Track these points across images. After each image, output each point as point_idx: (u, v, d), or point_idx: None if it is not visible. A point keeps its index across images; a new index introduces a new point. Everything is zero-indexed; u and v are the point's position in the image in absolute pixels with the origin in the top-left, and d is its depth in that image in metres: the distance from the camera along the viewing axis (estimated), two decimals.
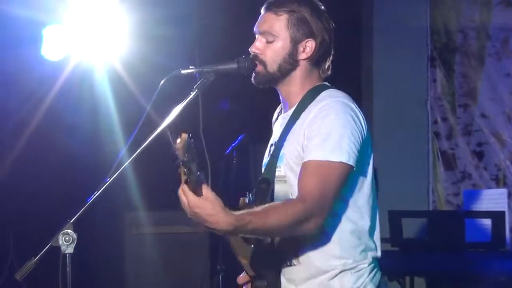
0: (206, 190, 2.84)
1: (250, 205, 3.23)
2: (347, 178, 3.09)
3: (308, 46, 3.24)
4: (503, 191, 7.34)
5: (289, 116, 3.28)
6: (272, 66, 3.26)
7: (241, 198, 2.95)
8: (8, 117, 6.00)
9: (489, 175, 8.78)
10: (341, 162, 3.04)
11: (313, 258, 3.13)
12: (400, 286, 6.43)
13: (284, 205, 3.04)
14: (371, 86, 8.93)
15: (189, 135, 2.75)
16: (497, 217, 6.60)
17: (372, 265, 3.18)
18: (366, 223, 3.17)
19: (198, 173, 2.81)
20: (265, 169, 3.34)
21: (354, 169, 3.09)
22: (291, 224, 2.98)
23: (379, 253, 3.22)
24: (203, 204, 2.83)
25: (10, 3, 5.69)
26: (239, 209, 3.01)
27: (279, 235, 3.10)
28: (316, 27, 3.25)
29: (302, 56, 3.25)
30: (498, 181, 8.64)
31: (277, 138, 3.32)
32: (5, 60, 5.89)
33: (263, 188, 3.25)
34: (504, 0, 8.78)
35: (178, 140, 2.72)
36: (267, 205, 3.06)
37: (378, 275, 3.20)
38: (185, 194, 2.83)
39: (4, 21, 5.76)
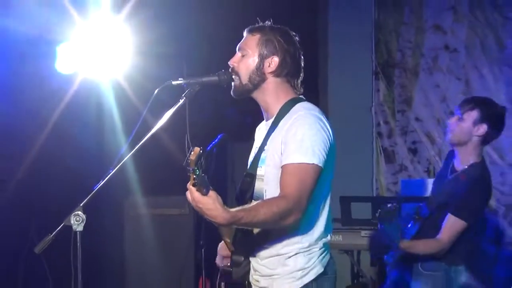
0: (212, 192, 2.89)
1: (237, 196, 3.32)
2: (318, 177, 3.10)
3: (273, 62, 3.26)
4: (432, 181, 7.38)
5: (269, 125, 3.29)
6: (245, 78, 3.28)
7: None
8: (30, 120, 5.95)
9: (422, 168, 8.83)
10: (314, 164, 3.06)
11: (276, 242, 3.16)
12: (350, 258, 6.45)
13: (270, 203, 3.05)
14: (327, 94, 8.95)
15: (201, 149, 2.78)
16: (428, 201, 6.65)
17: (323, 249, 3.19)
18: (321, 214, 3.19)
19: (203, 176, 2.85)
20: (250, 166, 3.36)
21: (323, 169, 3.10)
22: (275, 220, 3.00)
23: (329, 238, 3.24)
24: (206, 201, 2.85)
25: (25, 23, 5.60)
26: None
27: (264, 227, 3.13)
28: (281, 47, 3.27)
29: (268, 70, 3.26)
30: (429, 173, 8.69)
31: (260, 143, 3.34)
32: (21, 74, 5.82)
33: (248, 181, 3.29)
34: (434, 25, 8.83)
35: (192, 153, 2.76)
36: (255, 203, 3.10)
37: (327, 257, 3.21)
38: (191, 192, 2.87)
39: (19, 39, 5.68)
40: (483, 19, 8.62)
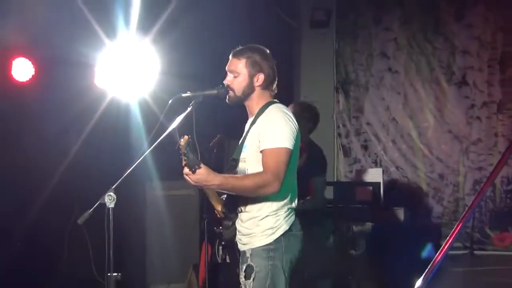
0: (202, 165, 2.91)
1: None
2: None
3: (260, 78, 3.24)
4: (379, 170, 7.40)
5: (251, 121, 3.29)
6: (239, 92, 3.26)
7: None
8: (71, 126, 5.92)
9: (371, 160, 8.83)
10: (286, 147, 3.05)
11: (253, 207, 3.14)
12: None
13: (253, 175, 3.08)
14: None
15: (189, 137, 2.78)
16: (376, 185, 6.67)
17: (288, 212, 3.15)
18: (287, 186, 3.14)
19: (192, 157, 2.83)
20: (235, 153, 3.35)
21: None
22: (256, 188, 3.01)
23: (294, 205, 3.20)
24: (201, 172, 2.89)
25: (66, 48, 5.54)
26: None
27: (248, 194, 3.11)
28: (264, 66, 3.25)
29: (256, 84, 3.25)
30: (377, 164, 8.69)
31: (243, 135, 3.33)
32: (65, 89, 5.77)
33: (233, 165, 3.28)
34: (380, 53, 8.83)
35: (182, 140, 2.76)
36: (243, 174, 3.14)
37: (292, 219, 3.17)
38: (188, 174, 2.92)
39: (63, 60, 5.62)
40: (417, 48, 8.64)
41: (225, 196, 3.35)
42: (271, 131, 3.09)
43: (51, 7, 5.48)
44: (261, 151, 3.09)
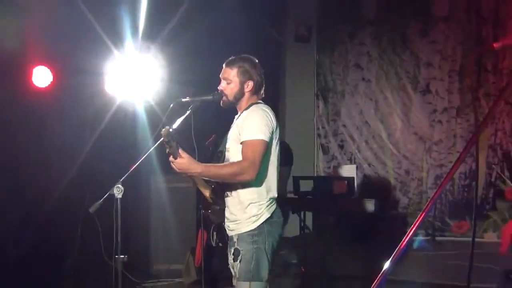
0: (184, 154, 2.90)
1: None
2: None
3: (250, 85, 3.21)
4: (354, 166, 7.39)
5: (236, 118, 3.26)
6: (231, 97, 3.22)
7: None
8: (84, 126, 5.89)
9: (346, 158, 8.87)
10: (261, 139, 3.02)
11: (239, 195, 3.09)
12: (298, 217, 6.45)
13: (231, 164, 3.05)
14: (285, 109, 8.95)
15: (169, 128, 2.77)
16: (350, 180, 6.65)
17: (270, 201, 3.10)
18: (268, 177, 3.10)
19: (174, 145, 2.84)
20: (222, 145, 3.33)
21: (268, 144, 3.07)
22: (234, 175, 2.98)
23: (275, 195, 3.14)
24: (182, 161, 2.89)
25: (80, 59, 5.52)
26: None
27: (227, 180, 3.06)
28: (253, 74, 3.21)
29: (246, 90, 3.21)
30: (351, 161, 8.74)
31: (230, 129, 3.30)
32: (78, 95, 5.74)
33: (219, 156, 3.26)
34: (355, 64, 8.86)
35: (163, 131, 2.75)
36: (224, 164, 3.11)
37: (273, 207, 3.12)
38: (172, 161, 2.91)
39: (78, 68, 5.60)
40: (387, 60, 8.66)
41: (214, 184, 3.31)
42: (249, 125, 3.06)
43: (67, 22, 5.47)
44: (241, 143, 3.06)
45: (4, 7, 5.18)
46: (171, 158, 2.91)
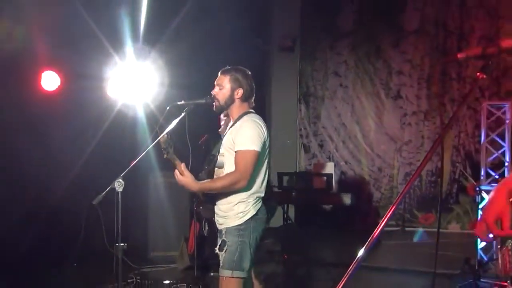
0: (186, 171, 2.97)
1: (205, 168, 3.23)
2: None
3: (239, 92, 3.18)
4: (332, 164, 7.40)
5: (230, 126, 3.25)
6: (222, 102, 3.20)
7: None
8: (87, 127, 5.84)
9: (326, 156, 8.89)
10: (253, 149, 3.01)
11: (228, 195, 3.07)
12: (282, 209, 6.46)
13: (225, 177, 3.04)
14: (271, 112, 8.94)
15: (167, 135, 2.77)
16: (329, 176, 6.68)
17: (256, 200, 3.08)
18: (256, 180, 3.08)
19: (172, 151, 2.87)
20: (214, 149, 3.31)
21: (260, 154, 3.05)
22: (227, 187, 3.00)
23: (262, 194, 3.12)
24: (184, 179, 3.00)
25: (85, 65, 5.47)
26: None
27: (223, 191, 3.06)
28: (243, 83, 3.19)
29: (236, 96, 3.19)
30: (330, 159, 8.75)
31: (223, 136, 3.29)
32: (83, 98, 5.69)
33: (211, 159, 3.23)
34: (334, 72, 8.90)
35: (161, 139, 2.75)
36: (217, 177, 3.11)
37: (259, 205, 3.09)
38: (176, 176, 3.00)
39: (83, 74, 5.55)
40: (363, 68, 8.70)
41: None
42: (243, 135, 3.04)
43: (73, 29, 5.43)
44: (235, 152, 3.05)
45: (11, 13, 5.13)
46: (176, 173, 2.99)
